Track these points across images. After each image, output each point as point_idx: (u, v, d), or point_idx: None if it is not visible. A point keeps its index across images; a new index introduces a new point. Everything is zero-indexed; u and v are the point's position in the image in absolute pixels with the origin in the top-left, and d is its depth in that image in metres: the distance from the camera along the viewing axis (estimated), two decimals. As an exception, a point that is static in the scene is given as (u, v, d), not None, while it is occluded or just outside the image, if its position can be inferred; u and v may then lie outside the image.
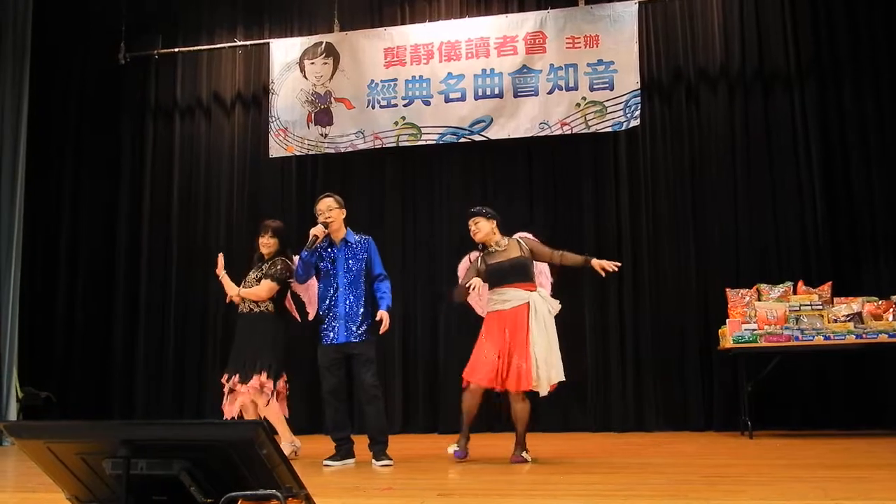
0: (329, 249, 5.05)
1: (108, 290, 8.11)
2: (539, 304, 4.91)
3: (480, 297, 5.12)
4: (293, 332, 5.42)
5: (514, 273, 4.98)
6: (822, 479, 3.72)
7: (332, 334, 4.93)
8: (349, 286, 4.95)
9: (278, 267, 5.29)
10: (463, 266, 5.31)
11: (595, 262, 5.03)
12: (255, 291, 5.25)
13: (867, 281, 6.55)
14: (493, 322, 4.95)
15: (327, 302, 4.99)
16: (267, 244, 5.37)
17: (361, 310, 4.92)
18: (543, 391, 4.84)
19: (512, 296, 4.93)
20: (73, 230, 8.28)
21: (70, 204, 8.30)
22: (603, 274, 5.08)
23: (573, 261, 5.12)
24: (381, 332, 4.93)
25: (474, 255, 5.20)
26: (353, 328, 4.90)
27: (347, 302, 4.93)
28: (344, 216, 5.10)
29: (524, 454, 4.81)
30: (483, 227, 5.10)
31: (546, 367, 4.80)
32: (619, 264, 5.10)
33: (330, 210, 5.03)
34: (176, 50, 8.29)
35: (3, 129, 7.24)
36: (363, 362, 4.89)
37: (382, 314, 4.89)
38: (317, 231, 4.99)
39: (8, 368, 6.98)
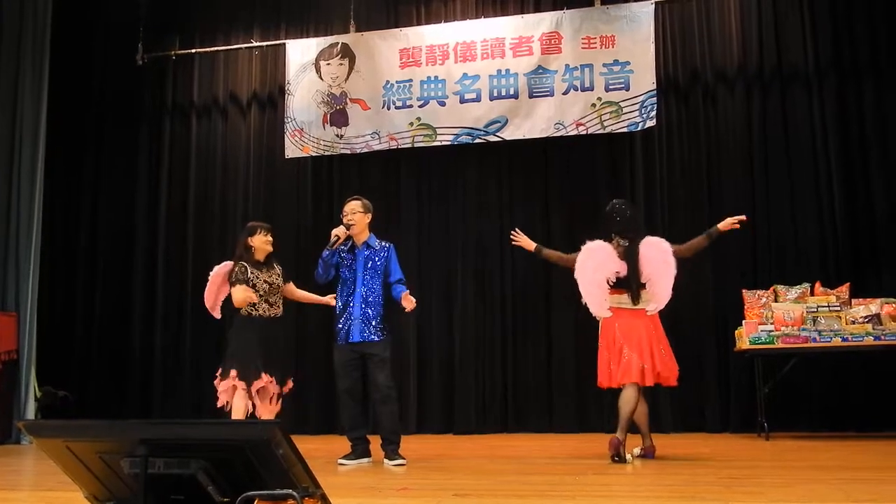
0: (350, 251, 5.10)
1: (126, 289, 8.17)
2: None
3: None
4: (309, 333, 5.40)
5: None
6: (843, 480, 3.69)
7: (346, 334, 4.99)
8: (366, 289, 5.01)
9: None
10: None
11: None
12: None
13: (886, 282, 6.49)
14: None
15: (343, 302, 5.05)
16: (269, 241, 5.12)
17: (377, 312, 4.99)
18: None
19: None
20: (92, 230, 8.35)
21: (89, 204, 8.37)
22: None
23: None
24: (408, 310, 4.99)
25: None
26: (368, 329, 4.96)
27: (363, 304, 4.98)
28: (369, 221, 5.15)
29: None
30: None
31: None
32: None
33: (354, 213, 5.10)
34: (193, 51, 8.33)
35: (23, 129, 7.32)
36: (378, 362, 4.94)
37: (405, 295, 4.91)
38: (338, 231, 5.06)
39: (26, 367, 7.05)
